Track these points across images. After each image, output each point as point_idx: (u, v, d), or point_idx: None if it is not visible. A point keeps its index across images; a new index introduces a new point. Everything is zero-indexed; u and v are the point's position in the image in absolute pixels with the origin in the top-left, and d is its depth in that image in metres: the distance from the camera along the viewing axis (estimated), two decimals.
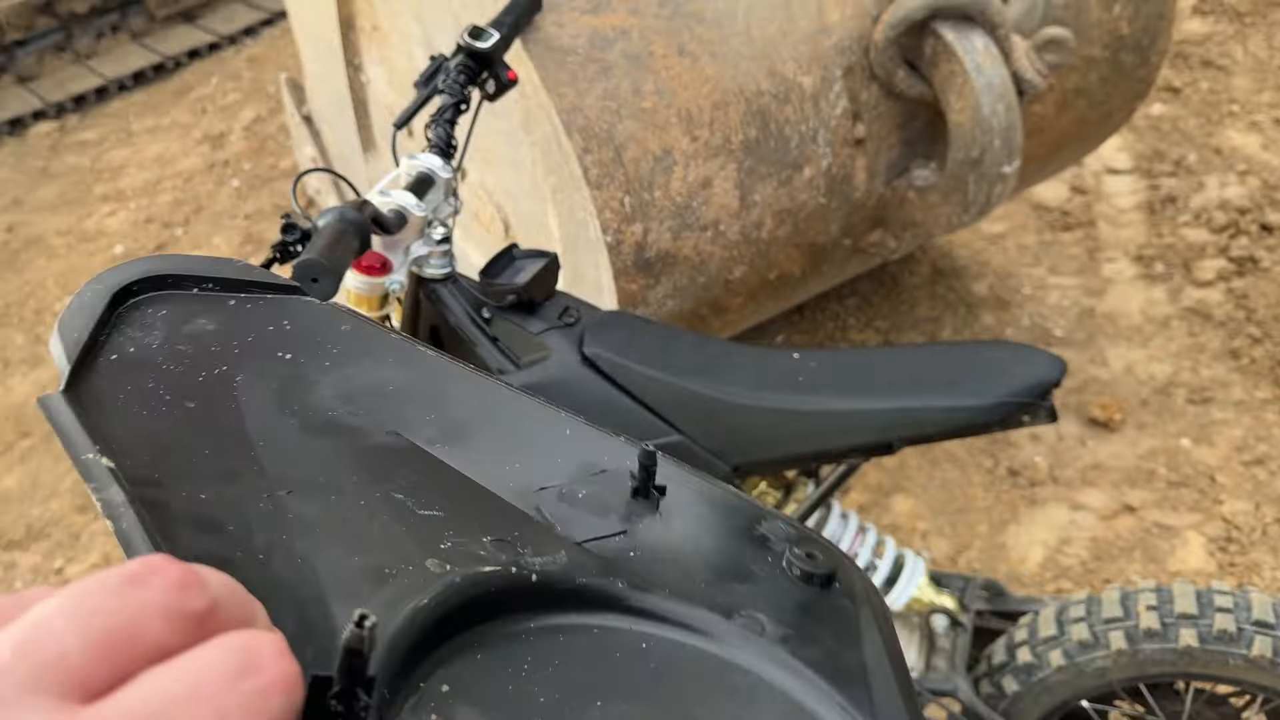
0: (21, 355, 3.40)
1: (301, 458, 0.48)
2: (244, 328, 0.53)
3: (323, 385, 0.52)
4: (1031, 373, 1.39)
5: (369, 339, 0.56)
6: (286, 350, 0.53)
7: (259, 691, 0.29)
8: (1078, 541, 2.34)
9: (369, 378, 0.54)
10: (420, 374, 0.56)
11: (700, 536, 0.53)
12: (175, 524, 0.42)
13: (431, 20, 2.13)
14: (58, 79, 4.86)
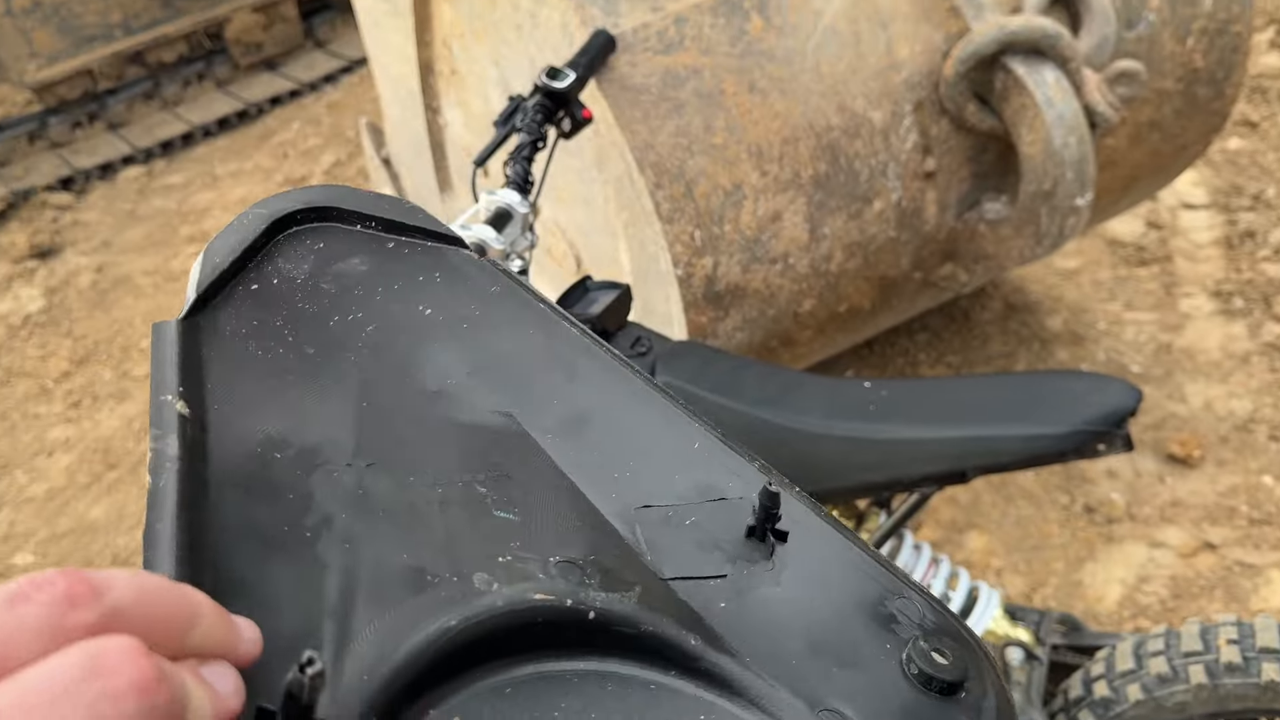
0: (110, 390, 3.52)
1: (399, 427, 0.45)
2: (394, 273, 0.51)
3: (452, 349, 0.49)
4: (1107, 401, 1.38)
5: (515, 306, 0.52)
6: (428, 304, 0.50)
7: (107, 695, 0.29)
8: (1157, 580, 2.29)
9: (502, 348, 0.50)
10: (558, 353, 0.51)
11: (814, 600, 0.45)
12: (230, 486, 0.40)
13: (508, 63, 2.19)
14: (146, 125, 5.05)
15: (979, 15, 2.02)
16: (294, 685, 0.32)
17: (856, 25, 2.00)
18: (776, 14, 1.96)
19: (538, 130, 1.56)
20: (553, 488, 0.47)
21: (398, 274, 0.51)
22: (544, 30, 1.98)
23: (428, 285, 0.51)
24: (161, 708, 0.30)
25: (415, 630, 0.37)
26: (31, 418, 3.46)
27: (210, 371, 0.44)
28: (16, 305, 4.02)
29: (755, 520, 0.46)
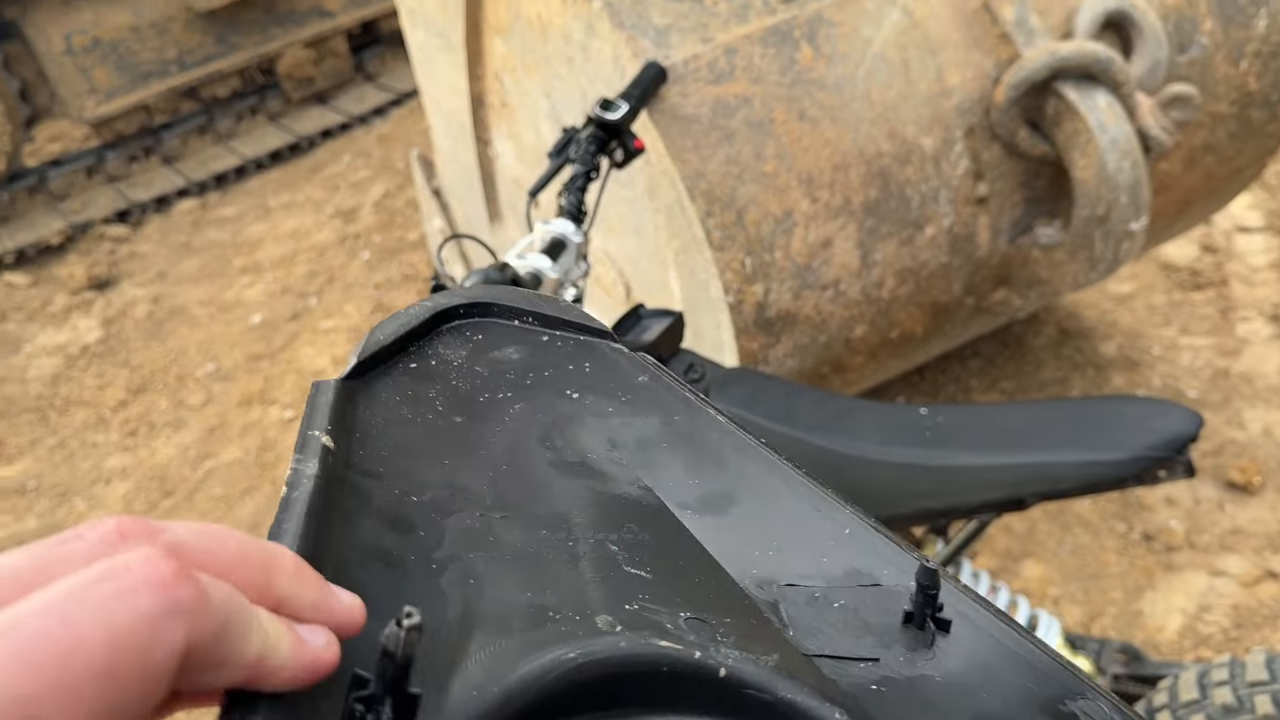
0: (166, 419, 3.58)
1: (537, 488, 0.45)
2: (545, 361, 0.52)
3: (596, 428, 0.49)
4: (1168, 427, 1.36)
5: (663, 394, 0.52)
6: (576, 389, 0.51)
7: (120, 592, 0.28)
8: (1218, 609, 2.25)
9: (646, 430, 0.50)
10: (704, 437, 0.50)
11: (980, 695, 0.40)
12: (364, 515, 0.41)
13: (559, 95, 2.22)
14: (200, 159, 5.16)
15: (1030, 41, 2.02)
16: (390, 639, 0.31)
17: (906, 53, 2.00)
18: (826, 43, 1.97)
19: (591, 161, 1.58)
20: (689, 555, 0.45)
21: (549, 362, 0.52)
22: (595, 63, 2.01)
23: (577, 373, 0.52)
24: (184, 607, 0.29)
25: (530, 657, 0.35)
26: (89, 446, 3.52)
27: (360, 422, 0.46)
28: (75, 336, 4.11)
29: (913, 606, 0.42)
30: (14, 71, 4.57)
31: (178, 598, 0.29)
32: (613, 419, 0.50)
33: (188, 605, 0.29)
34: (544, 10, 2.11)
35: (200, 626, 0.30)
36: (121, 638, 0.28)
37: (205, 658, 0.30)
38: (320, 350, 3.75)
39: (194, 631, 0.30)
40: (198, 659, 0.30)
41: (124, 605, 0.28)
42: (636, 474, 0.47)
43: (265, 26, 5.05)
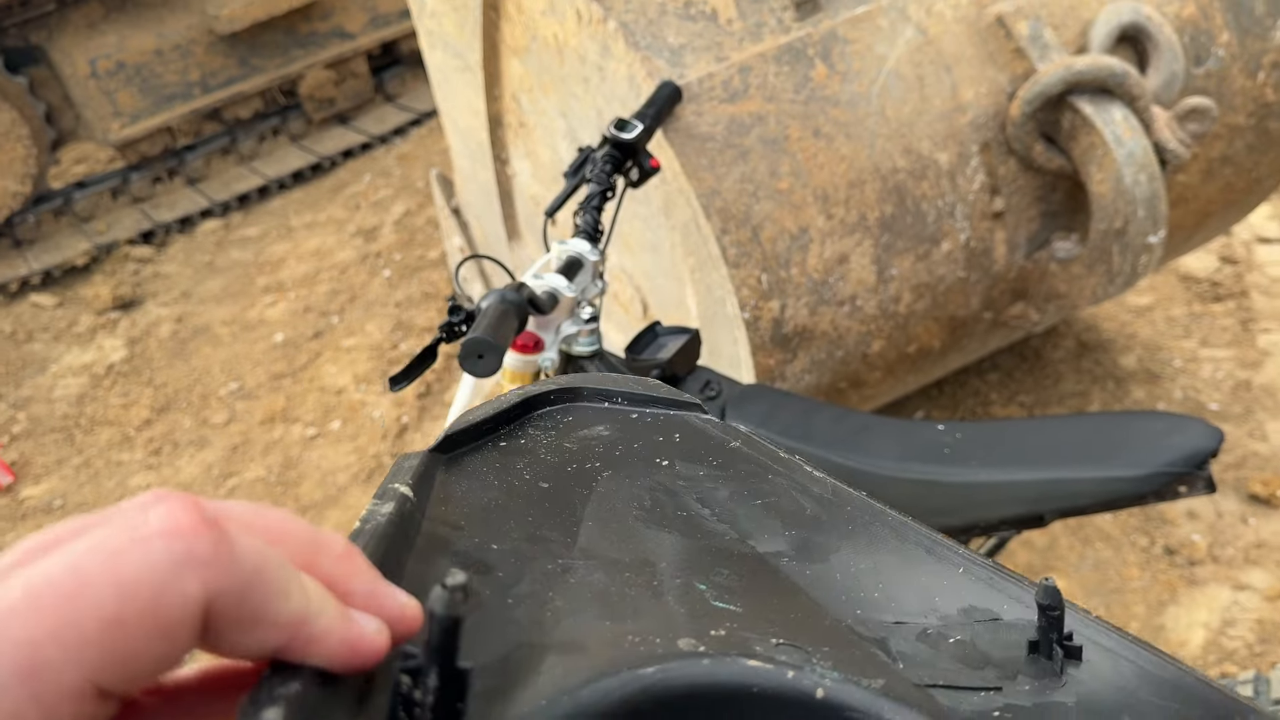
0: (190, 438, 3.62)
1: (622, 538, 0.44)
2: (634, 435, 0.52)
3: (686, 489, 0.48)
4: (1187, 442, 1.34)
5: (756, 456, 0.51)
6: (666, 458, 0.50)
7: (135, 540, 0.28)
8: (1242, 623, 2.23)
9: (738, 488, 0.49)
10: (802, 490, 0.49)
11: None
12: (439, 554, 0.40)
13: (576, 115, 2.24)
14: (223, 180, 5.22)
15: (1044, 56, 2.02)
16: (436, 601, 0.30)
17: (920, 69, 2.01)
18: (840, 60, 1.98)
19: (607, 180, 1.59)
20: (784, 593, 0.42)
21: (638, 436, 0.52)
22: (611, 83, 2.03)
23: (667, 443, 0.51)
24: (200, 557, 0.28)
25: (604, 673, 0.33)
26: (114, 465, 3.56)
27: (442, 484, 0.46)
28: (100, 355, 4.16)
29: (1038, 633, 0.39)
30: (40, 95, 4.64)
31: (193, 547, 0.29)
32: (704, 481, 0.49)
33: (204, 555, 0.29)
34: (560, 31, 2.13)
35: (222, 578, 0.29)
36: (129, 585, 0.27)
37: (233, 613, 0.29)
38: (342, 368, 3.78)
39: (214, 583, 0.29)
40: (224, 614, 0.29)
41: (134, 553, 0.28)
42: (727, 526, 0.45)
43: (287, 48, 5.11)
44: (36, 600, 0.27)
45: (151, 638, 0.28)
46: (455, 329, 1.33)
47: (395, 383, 1.41)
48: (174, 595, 0.28)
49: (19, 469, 3.61)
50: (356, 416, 3.52)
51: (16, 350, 4.27)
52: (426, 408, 3.48)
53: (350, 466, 3.31)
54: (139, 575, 0.28)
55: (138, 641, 0.28)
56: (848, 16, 2.00)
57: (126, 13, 4.72)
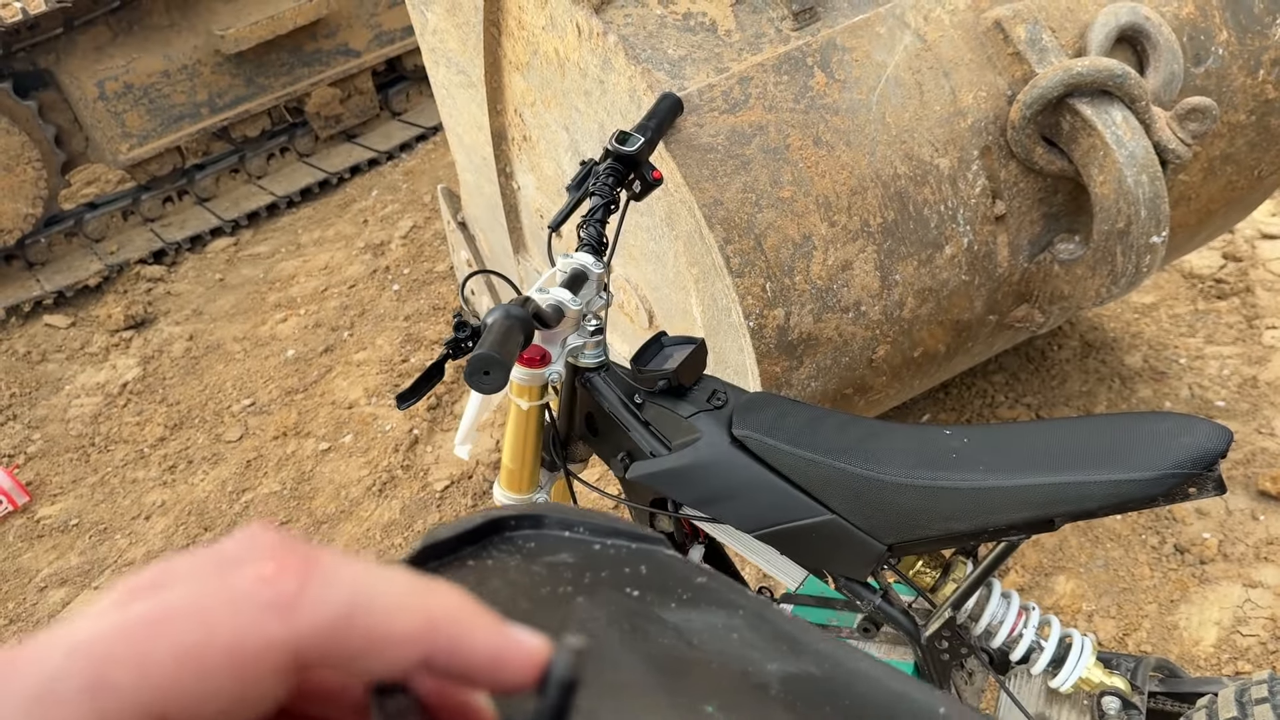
0: (204, 454, 3.65)
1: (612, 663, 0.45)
2: (601, 565, 0.53)
3: (661, 620, 0.49)
4: (1196, 443, 1.34)
5: (724, 592, 0.52)
6: (635, 588, 0.51)
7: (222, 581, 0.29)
8: (1255, 621, 2.23)
9: (711, 621, 0.50)
10: (773, 629, 0.51)
11: None
12: None
13: (578, 128, 2.26)
14: (233, 198, 5.26)
15: (1043, 59, 2.03)
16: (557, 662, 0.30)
17: (919, 75, 2.03)
18: (839, 68, 1.99)
19: (609, 193, 1.61)
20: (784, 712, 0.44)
21: (605, 565, 0.53)
22: (612, 96, 2.04)
23: (634, 575, 0.52)
24: (284, 600, 0.29)
25: None
26: (130, 483, 3.59)
27: None
28: (114, 374, 4.19)
29: None
30: (49, 119, 4.68)
31: (279, 590, 0.29)
32: (676, 613, 0.49)
33: (289, 598, 0.29)
34: (561, 46, 2.15)
35: (308, 617, 0.29)
36: (210, 622, 0.28)
37: (340, 645, 0.30)
38: (353, 382, 3.81)
39: (300, 623, 0.29)
40: (329, 649, 0.30)
41: (222, 593, 0.29)
42: (710, 655, 0.47)
43: (292, 67, 5.15)
44: (122, 627, 0.28)
45: (225, 677, 0.28)
46: (461, 345, 1.34)
47: (403, 400, 1.43)
48: (254, 638, 0.29)
49: (35, 489, 3.64)
50: (368, 430, 3.55)
51: (31, 371, 4.31)
52: (437, 420, 3.50)
53: (363, 480, 3.33)
54: (221, 615, 0.28)
55: (211, 679, 0.28)
56: (846, 25, 2.02)
57: (133, 35, 4.77)
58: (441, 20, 2.72)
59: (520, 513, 0.54)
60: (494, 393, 1.23)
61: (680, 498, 1.55)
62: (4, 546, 3.40)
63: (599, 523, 0.55)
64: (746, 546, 1.63)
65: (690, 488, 1.51)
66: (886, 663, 0.48)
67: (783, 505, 1.46)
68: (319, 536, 3.15)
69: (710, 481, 1.49)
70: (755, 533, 1.49)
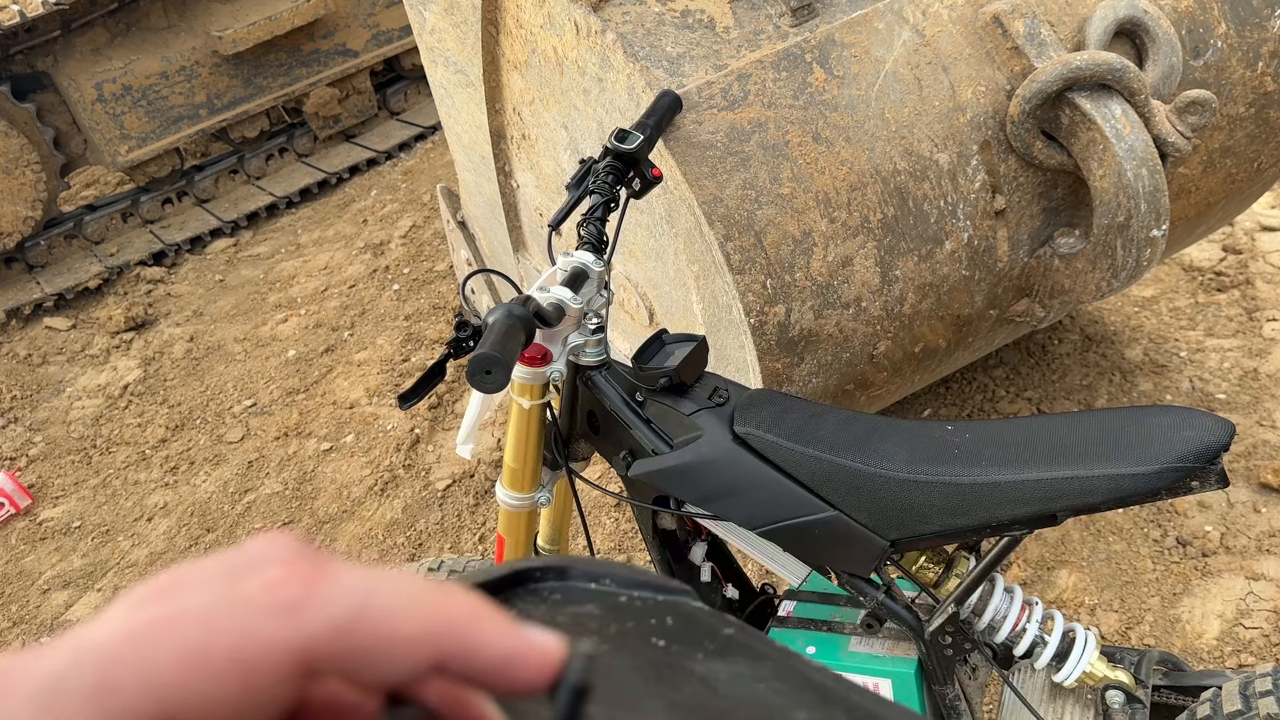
0: (205, 455, 3.65)
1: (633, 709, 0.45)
2: (626, 616, 0.53)
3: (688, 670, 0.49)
4: (1198, 437, 1.34)
5: (751, 643, 0.53)
6: (661, 638, 0.51)
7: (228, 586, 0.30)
8: (1258, 614, 2.23)
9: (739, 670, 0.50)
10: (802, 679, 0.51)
11: None
12: None
13: (577, 127, 2.26)
14: (232, 199, 5.26)
15: (1042, 53, 2.03)
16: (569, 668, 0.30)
17: (918, 70, 2.03)
18: (838, 65, 1.99)
19: (609, 191, 1.61)
20: None
21: (630, 615, 0.53)
22: (611, 94, 2.04)
23: (660, 625, 0.52)
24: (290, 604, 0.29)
25: None
26: (132, 485, 3.59)
27: None
28: (115, 376, 4.19)
29: None
30: (48, 121, 4.68)
31: (285, 594, 0.29)
32: (703, 664, 0.50)
33: (294, 601, 0.29)
34: (559, 44, 2.15)
35: (315, 621, 0.29)
36: (215, 626, 0.28)
37: (349, 648, 0.30)
38: (354, 382, 3.81)
39: (306, 627, 0.29)
40: (338, 652, 0.30)
41: (227, 597, 0.29)
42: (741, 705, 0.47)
43: (291, 68, 5.15)
44: (128, 630, 0.28)
45: (230, 679, 0.28)
46: (463, 345, 1.34)
47: (405, 400, 1.43)
48: (259, 641, 0.29)
49: (37, 491, 3.64)
50: (370, 430, 3.55)
51: (32, 373, 4.31)
52: (439, 419, 3.51)
53: (365, 479, 3.33)
54: (226, 619, 0.29)
55: (215, 681, 0.28)
56: (844, 20, 2.02)
57: (131, 37, 4.77)
58: (439, 19, 2.72)
59: (546, 564, 0.54)
60: (496, 392, 1.24)
61: (683, 495, 1.55)
62: (6, 549, 3.41)
63: (624, 574, 0.55)
64: (749, 543, 1.63)
65: (693, 485, 1.51)
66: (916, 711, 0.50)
67: (785, 502, 1.46)
68: (321, 536, 3.15)
69: (712, 479, 1.49)
70: (758, 529, 1.49)
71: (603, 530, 2.88)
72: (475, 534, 3.02)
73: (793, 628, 1.68)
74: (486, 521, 3.04)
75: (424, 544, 3.03)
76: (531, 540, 1.80)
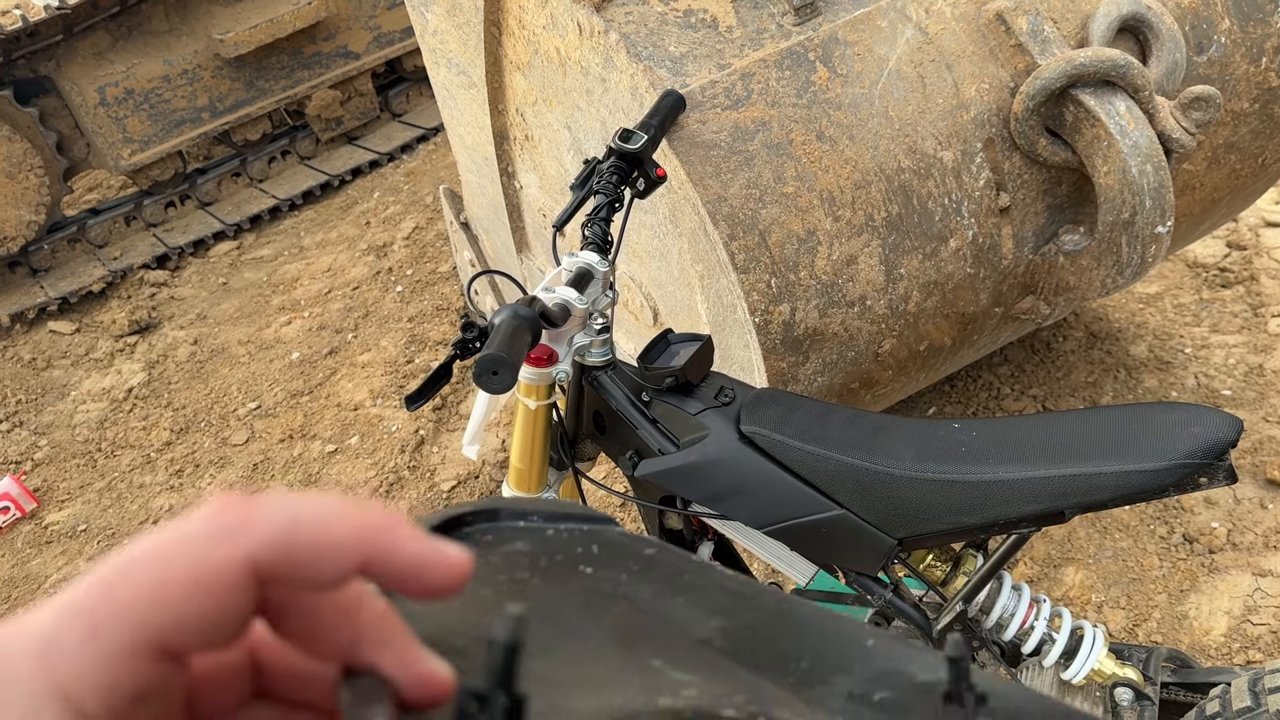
0: (211, 458, 3.65)
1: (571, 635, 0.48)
2: (554, 548, 0.56)
3: (614, 592, 0.52)
4: (1206, 433, 1.34)
5: (672, 561, 0.55)
6: (588, 566, 0.54)
7: (174, 526, 0.33)
8: (1265, 610, 2.23)
9: (662, 589, 0.53)
10: (714, 586, 0.54)
11: None
12: None
13: (580, 127, 2.26)
14: (235, 201, 5.26)
15: (1045, 50, 2.03)
16: (499, 628, 0.32)
17: (922, 68, 2.02)
18: (841, 63, 1.99)
19: (613, 191, 1.61)
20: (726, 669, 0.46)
21: (559, 547, 0.56)
22: (614, 94, 2.04)
23: (586, 554, 0.55)
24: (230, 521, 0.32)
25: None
26: (137, 488, 3.60)
27: None
28: (119, 380, 4.20)
29: (949, 684, 0.42)
30: (50, 125, 4.68)
31: (222, 514, 0.32)
32: (627, 585, 0.53)
33: (234, 518, 0.32)
34: (562, 45, 2.15)
35: (256, 529, 0.32)
36: (169, 554, 0.31)
37: (290, 553, 0.33)
38: (358, 384, 3.81)
39: (250, 535, 0.32)
40: (281, 558, 0.32)
41: (174, 531, 0.32)
42: (658, 619, 0.49)
43: (292, 70, 5.15)
44: (95, 582, 0.31)
45: (194, 599, 0.31)
46: (469, 346, 1.34)
47: (411, 402, 1.43)
48: (211, 559, 0.32)
49: (42, 495, 3.65)
50: (374, 431, 3.55)
51: (36, 377, 4.31)
52: (443, 420, 3.51)
53: (370, 481, 3.33)
54: (176, 547, 0.32)
55: (182, 604, 0.31)
56: (847, 19, 2.02)
57: (133, 41, 4.77)
58: (442, 21, 2.72)
59: (476, 508, 0.57)
60: (502, 393, 1.24)
61: (689, 495, 1.55)
62: (13, 553, 3.41)
63: (550, 509, 0.59)
64: (756, 543, 1.63)
65: (699, 485, 1.51)
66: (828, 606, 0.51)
67: (792, 501, 1.46)
68: None
69: (719, 478, 1.49)
70: (765, 529, 1.49)
71: None
72: None
73: None
74: None
75: None
76: None
